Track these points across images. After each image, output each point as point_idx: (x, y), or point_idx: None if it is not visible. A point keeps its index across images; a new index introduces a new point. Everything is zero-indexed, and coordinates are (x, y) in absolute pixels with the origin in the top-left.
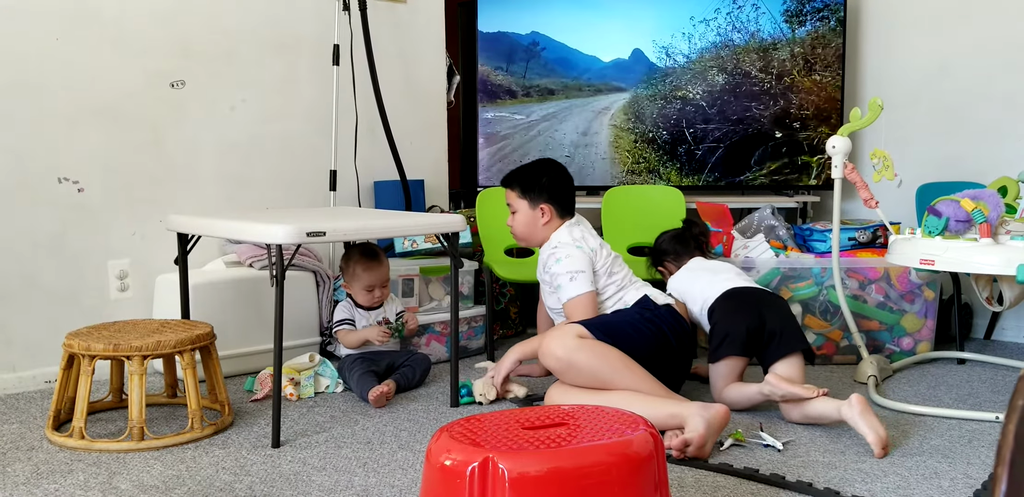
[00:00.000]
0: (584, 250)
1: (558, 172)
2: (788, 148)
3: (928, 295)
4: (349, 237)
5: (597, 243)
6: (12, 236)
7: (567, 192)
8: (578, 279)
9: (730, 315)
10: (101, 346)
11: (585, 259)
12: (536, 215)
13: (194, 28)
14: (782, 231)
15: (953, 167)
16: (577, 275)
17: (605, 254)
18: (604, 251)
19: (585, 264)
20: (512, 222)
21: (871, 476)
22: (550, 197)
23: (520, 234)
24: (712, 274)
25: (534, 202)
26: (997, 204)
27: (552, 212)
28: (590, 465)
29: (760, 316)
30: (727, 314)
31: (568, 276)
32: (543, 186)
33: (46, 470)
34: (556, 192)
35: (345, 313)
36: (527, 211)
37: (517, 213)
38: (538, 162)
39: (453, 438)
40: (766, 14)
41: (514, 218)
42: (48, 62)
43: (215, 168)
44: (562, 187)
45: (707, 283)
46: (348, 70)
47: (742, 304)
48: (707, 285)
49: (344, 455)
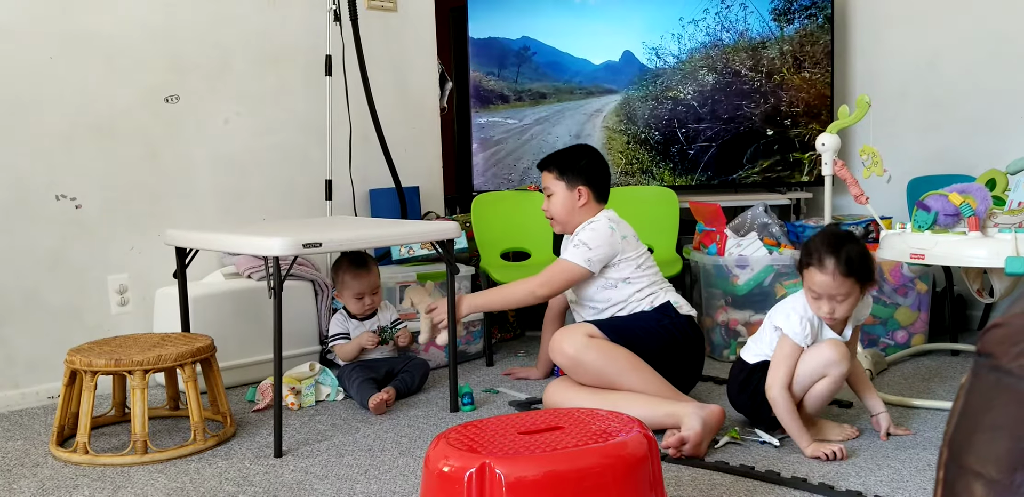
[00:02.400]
0: (615, 233)
1: (595, 156)
2: (779, 145)
3: (921, 288)
4: (345, 247)
5: (632, 233)
6: (12, 253)
7: (604, 177)
8: (580, 248)
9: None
10: (103, 362)
11: (605, 240)
12: (573, 197)
13: (187, 43)
14: (775, 228)
15: (943, 160)
16: (581, 245)
17: (639, 246)
18: (638, 243)
19: (599, 243)
20: (548, 206)
21: (865, 470)
22: (587, 179)
23: (558, 217)
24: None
25: (572, 183)
26: (984, 197)
27: (589, 195)
28: (586, 468)
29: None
30: None
31: (578, 242)
32: (581, 168)
33: (51, 486)
34: (593, 175)
35: (339, 327)
36: (564, 193)
37: (554, 195)
38: (576, 146)
39: (450, 444)
40: (754, 13)
41: (550, 201)
42: (43, 80)
43: (211, 181)
44: (599, 171)
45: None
46: (341, 80)
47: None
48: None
49: (346, 463)
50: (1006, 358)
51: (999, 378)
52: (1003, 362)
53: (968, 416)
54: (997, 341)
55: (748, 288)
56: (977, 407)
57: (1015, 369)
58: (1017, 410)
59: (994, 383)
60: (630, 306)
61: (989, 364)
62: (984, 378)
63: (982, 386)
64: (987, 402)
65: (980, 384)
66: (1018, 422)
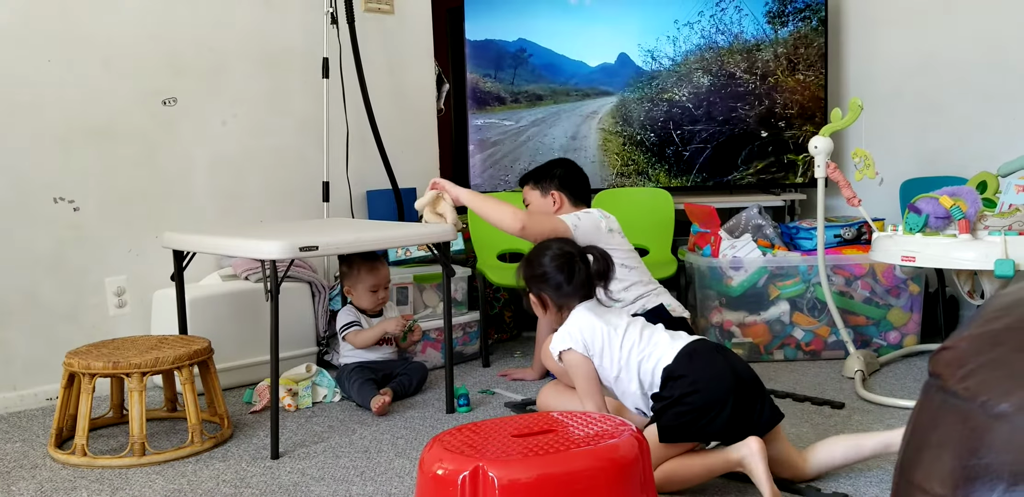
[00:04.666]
0: (603, 222)
1: (569, 166)
2: (774, 147)
3: (913, 289)
4: (341, 250)
5: (619, 229)
6: (11, 255)
7: (579, 183)
8: (571, 217)
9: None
10: (100, 364)
11: (594, 221)
12: (548, 202)
13: (184, 45)
14: (769, 230)
15: (936, 162)
16: (574, 217)
17: (625, 243)
18: (625, 241)
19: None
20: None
21: (854, 470)
22: (561, 185)
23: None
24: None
25: (545, 190)
26: (975, 200)
27: (563, 199)
28: (578, 470)
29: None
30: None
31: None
32: (554, 175)
33: (50, 488)
34: (567, 181)
35: (350, 316)
36: (539, 200)
37: (531, 205)
38: (552, 160)
39: (445, 448)
40: (749, 16)
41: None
42: (41, 83)
43: (209, 183)
44: (574, 178)
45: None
46: (338, 82)
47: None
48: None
49: (342, 465)
50: (952, 380)
51: (945, 399)
52: (949, 384)
53: (917, 434)
54: (945, 363)
55: (742, 289)
56: (925, 425)
57: (960, 391)
58: (961, 429)
59: (940, 403)
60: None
61: (937, 385)
62: (932, 398)
63: (930, 405)
64: (934, 421)
65: (928, 404)
66: (962, 441)
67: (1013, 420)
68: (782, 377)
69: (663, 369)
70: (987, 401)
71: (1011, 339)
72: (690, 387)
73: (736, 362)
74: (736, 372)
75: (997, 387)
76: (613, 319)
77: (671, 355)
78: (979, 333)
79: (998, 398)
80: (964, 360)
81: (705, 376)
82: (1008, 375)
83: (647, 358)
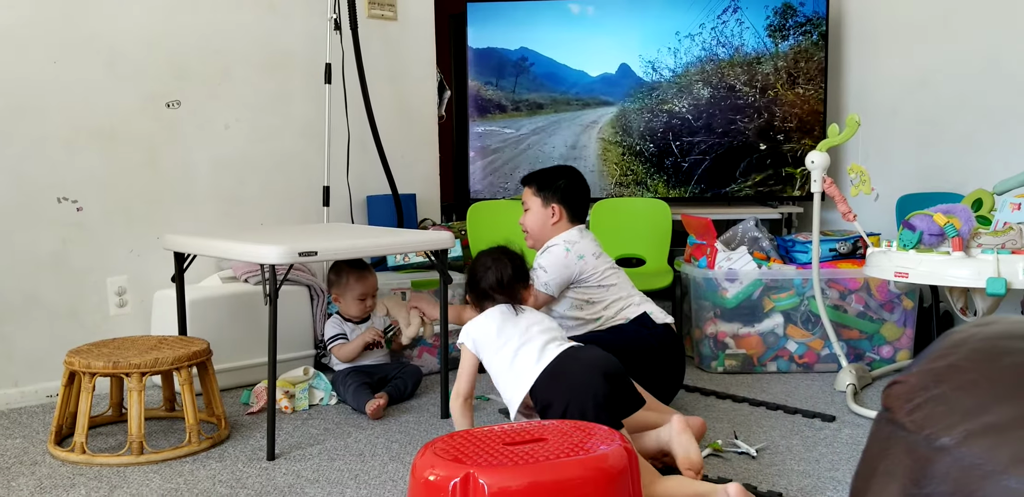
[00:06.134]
0: (570, 254)
1: (576, 178)
2: (772, 160)
3: (907, 304)
4: (340, 256)
5: (592, 252)
6: (14, 254)
7: (580, 198)
8: (538, 273)
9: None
10: (101, 363)
11: (560, 262)
12: (547, 214)
13: (188, 49)
14: (765, 243)
15: (933, 178)
16: (540, 270)
17: (600, 265)
18: (601, 262)
19: (555, 266)
20: (524, 219)
21: (843, 484)
22: (562, 199)
23: (531, 231)
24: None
25: (547, 200)
26: (969, 218)
27: (562, 213)
28: (567, 479)
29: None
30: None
31: (537, 266)
32: (558, 187)
33: (49, 485)
34: (569, 195)
35: (336, 329)
36: (539, 209)
37: (530, 210)
38: (559, 166)
39: (436, 454)
40: (750, 29)
41: (526, 215)
42: (46, 84)
43: (210, 186)
44: (576, 192)
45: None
46: (340, 88)
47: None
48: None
49: (337, 467)
50: (900, 413)
51: (894, 430)
52: (898, 416)
53: (867, 462)
54: (895, 396)
55: (737, 301)
56: (875, 454)
57: (907, 423)
58: (906, 460)
59: (889, 434)
60: (608, 322)
61: (887, 417)
62: (883, 429)
63: (880, 436)
64: (883, 451)
65: (879, 434)
66: (907, 470)
67: (954, 452)
68: (774, 389)
69: (528, 392)
70: (931, 434)
71: (954, 377)
72: (561, 414)
73: (600, 361)
74: (604, 374)
75: (941, 421)
76: (509, 329)
77: (531, 378)
78: (927, 369)
79: (941, 431)
80: (912, 394)
81: (570, 395)
82: (950, 411)
83: (508, 385)
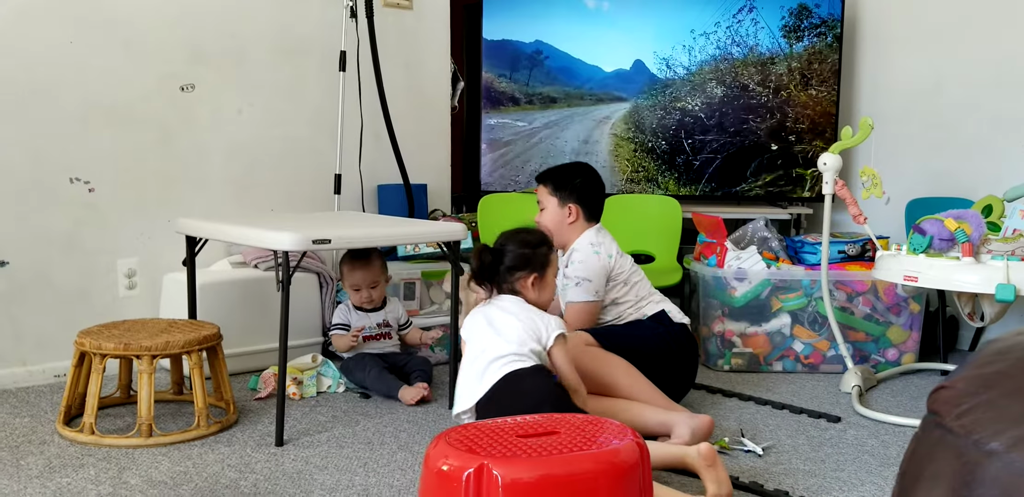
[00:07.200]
0: (601, 256)
1: (592, 177)
2: (783, 160)
3: (914, 308)
4: (353, 245)
5: (616, 251)
6: (26, 234)
7: (597, 197)
8: (583, 286)
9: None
10: (112, 345)
11: (597, 267)
12: (563, 214)
13: (205, 33)
14: (774, 243)
15: (943, 183)
16: (583, 282)
17: (625, 263)
18: (624, 260)
19: (596, 272)
20: (540, 218)
21: (849, 484)
22: (579, 198)
23: (546, 231)
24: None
25: (563, 200)
26: (979, 224)
27: (579, 213)
28: (579, 472)
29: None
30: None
31: (575, 281)
32: (575, 186)
33: (58, 464)
34: (586, 195)
35: (341, 317)
36: (555, 209)
37: (546, 210)
38: (575, 164)
39: (450, 445)
40: (765, 29)
41: (542, 214)
42: (62, 65)
43: (222, 170)
44: (593, 191)
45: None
46: (354, 76)
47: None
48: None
49: (345, 455)
50: (948, 417)
51: (942, 434)
52: (946, 421)
53: (914, 464)
54: (943, 401)
55: (745, 300)
56: (922, 457)
57: (955, 428)
58: (954, 463)
59: (937, 439)
60: (625, 318)
61: (934, 421)
62: (930, 433)
63: (928, 439)
64: (930, 454)
65: (926, 438)
66: (954, 474)
67: (1003, 457)
68: (780, 388)
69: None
70: (980, 439)
71: (1002, 383)
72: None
73: (539, 395)
74: (535, 407)
75: (990, 426)
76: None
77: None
78: (975, 375)
79: (990, 437)
80: (960, 400)
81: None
82: (999, 416)
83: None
